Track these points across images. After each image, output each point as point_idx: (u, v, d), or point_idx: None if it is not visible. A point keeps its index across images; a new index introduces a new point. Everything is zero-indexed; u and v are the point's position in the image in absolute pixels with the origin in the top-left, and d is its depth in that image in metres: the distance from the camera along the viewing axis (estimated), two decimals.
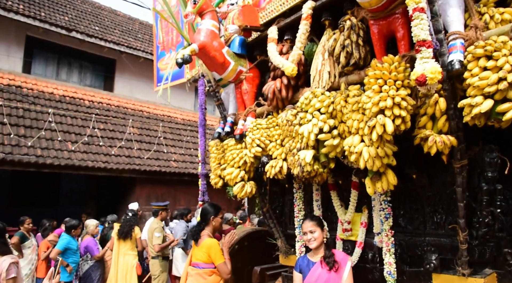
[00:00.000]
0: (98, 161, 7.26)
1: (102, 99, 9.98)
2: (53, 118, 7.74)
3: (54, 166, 6.65)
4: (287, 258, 3.76)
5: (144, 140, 8.87)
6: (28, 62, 9.99)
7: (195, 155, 9.38)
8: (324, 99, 2.54)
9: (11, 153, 6.39)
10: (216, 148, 3.72)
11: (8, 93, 8.20)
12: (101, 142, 7.97)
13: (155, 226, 5.59)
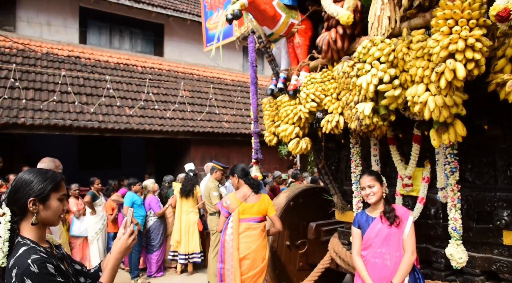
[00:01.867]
0: (154, 124, 7.58)
1: (153, 64, 10.23)
2: (111, 85, 8.11)
3: (115, 130, 7.06)
4: (343, 214, 3.75)
5: (196, 103, 9.06)
6: (83, 33, 10.40)
7: (246, 115, 9.45)
8: (384, 47, 2.38)
9: (76, 120, 6.86)
10: (270, 105, 3.69)
11: (69, 64, 8.66)
12: (155, 106, 8.27)
13: (211, 185, 5.80)
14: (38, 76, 7.75)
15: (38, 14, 9.65)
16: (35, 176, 1.53)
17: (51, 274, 1.42)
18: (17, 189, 1.50)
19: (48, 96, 7.21)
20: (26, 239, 1.50)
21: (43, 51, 8.65)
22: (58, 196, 1.57)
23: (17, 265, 1.40)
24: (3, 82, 7.11)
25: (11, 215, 1.48)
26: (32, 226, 1.52)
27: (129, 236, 1.68)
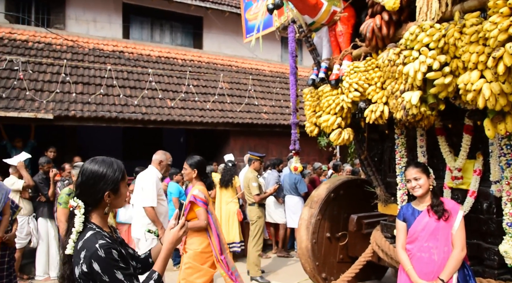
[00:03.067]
0: (195, 116, 7.73)
1: (193, 57, 10.39)
2: (153, 78, 8.34)
3: (157, 122, 7.28)
4: (386, 206, 3.66)
5: (235, 94, 9.13)
6: (126, 28, 10.75)
7: (285, 106, 9.41)
8: (433, 32, 2.26)
9: (121, 112, 7.14)
10: (311, 95, 3.64)
11: (114, 58, 9.00)
12: (196, 97, 8.43)
13: (250, 175, 5.85)
14: (86, 71, 8.13)
15: (85, 12, 10.09)
16: (105, 168, 1.60)
17: (115, 260, 1.50)
18: (92, 184, 1.57)
19: (95, 90, 7.55)
20: (92, 223, 1.59)
21: (90, 47, 9.05)
22: (125, 183, 1.67)
23: (85, 247, 1.50)
24: (55, 77, 7.53)
25: (84, 207, 1.56)
26: (101, 215, 1.61)
27: (181, 228, 1.73)
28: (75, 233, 1.55)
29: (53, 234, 5.81)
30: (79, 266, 1.49)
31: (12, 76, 7.11)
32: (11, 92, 6.73)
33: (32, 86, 7.05)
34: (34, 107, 6.52)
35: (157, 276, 1.62)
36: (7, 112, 6.14)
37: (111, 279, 1.47)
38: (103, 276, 1.46)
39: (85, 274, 1.48)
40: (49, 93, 7.04)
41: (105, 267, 1.47)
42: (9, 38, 8.40)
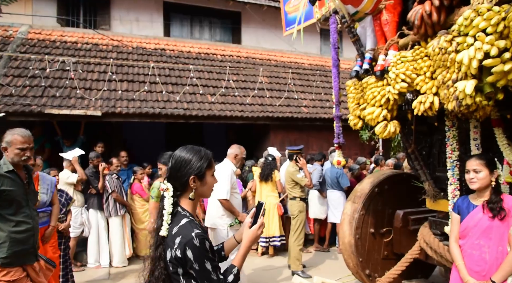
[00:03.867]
0: (235, 110, 7.80)
1: (232, 52, 10.47)
2: (194, 74, 8.49)
3: (199, 117, 7.42)
4: (435, 202, 3.50)
5: (274, 88, 9.10)
6: (167, 26, 11.02)
7: (325, 100, 9.24)
8: (491, 16, 2.11)
9: (164, 108, 7.35)
10: (354, 87, 3.54)
11: (156, 56, 9.26)
12: (236, 92, 8.49)
13: (291, 170, 5.82)
14: (130, 69, 8.43)
15: (128, 12, 10.47)
16: (192, 155, 1.69)
17: (207, 250, 1.57)
18: (179, 168, 1.66)
19: (139, 87, 7.82)
20: (185, 211, 1.66)
21: (133, 45, 9.37)
22: (212, 172, 1.74)
23: (181, 234, 1.57)
24: (102, 76, 7.88)
25: (173, 190, 1.65)
26: (189, 201, 1.68)
27: (259, 227, 1.76)
28: (167, 215, 1.62)
29: (103, 224, 6.12)
30: (173, 251, 1.56)
31: (64, 76, 7.53)
32: (63, 91, 7.13)
33: (82, 85, 7.43)
34: (84, 105, 6.87)
35: (237, 271, 1.67)
36: (60, 110, 6.51)
37: (200, 268, 1.53)
38: (194, 264, 1.53)
39: (177, 259, 1.55)
40: (97, 91, 7.39)
41: (198, 256, 1.53)
42: (61, 41, 8.90)
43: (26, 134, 2.92)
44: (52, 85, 7.20)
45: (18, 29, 8.88)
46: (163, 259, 1.61)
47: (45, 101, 6.72)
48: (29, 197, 3.01)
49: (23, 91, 6.89)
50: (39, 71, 7.35)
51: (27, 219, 2.92)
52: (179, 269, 1.57)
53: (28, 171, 3.10)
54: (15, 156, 2.85)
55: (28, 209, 2.95)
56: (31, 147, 2.93)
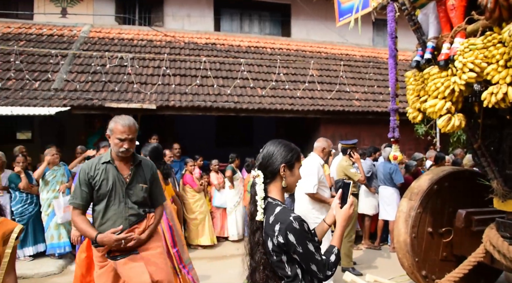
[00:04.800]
0: (285, 104, 7.74)
1: (281, 45, 10.39)
2: (244, 68, 8.54)
3: (249, 110, 7.46)
4: (505, 202, 3.23)
5: (325, 81, 8.91)
6: (217, 21, 11.19)
7: (378, 93, 8.89)
8: None
9: (215, 101, 7.48)
10: (414, 78, 3.35)
11: (207, 50, 9.44)
12: (286, 85, 8.43)
13: (344, 164, 5.68)
14: (182, 63, 8.67)
15: (180, 9, 10.75)
16: (282, 146, 1.76)
17: (307, 232, 1.61)
18: (271, 155, 1.73)
19: (191, 81, 8.02)
20: (277, 200, 1.72)
21: (185, 41, 9.61)
22: (299, 166, 1.79)
23: (279, 221, 1.61)
24: (156, 71, 8.18)
25: (263, 177, 1.71)
26: (278, 190, 1.73)
27: (350, 206, 1.79)
28: (260, 200, 1.69)
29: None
30: (275, 238, 1.61)
31: (121, 71, 7.92)
32: (121, 86, 7.50)
33: (138, 80, 7.76)
34: (140, 99, 7.19)
35: (337, 251, 1.69)
36: (118, 103, 6.86)
37: (304, 250, 1.57)
38: (298, 247, 1.56)
39: (280, 246, 1.60)
40: (151, 85, 7.69)
41: (300, 238, 1.57)
42: (118, 38, 9.35)
43: (126, 123, 2.55)
44: (111, 80, 7.60)
45: (81, 28, 9.46)
46: (262, 244, 1.67)
47: (105, 95, 7.11)
48: (129, 193, 2.64)
49: (85, 86, 7.34)
50: (100, 67, 7.79)
51: (118, 218, 2.59)
52: (283, 257, 1.62)
53: (135, 164, 2.70)
54: (114, 146, 2.57)
55: (123, 206, 2.61)
56: (130, 137, 2.56)
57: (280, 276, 1.66)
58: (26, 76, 7.29)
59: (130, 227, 2.61)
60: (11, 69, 7.42)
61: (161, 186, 2.93)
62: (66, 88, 7.20)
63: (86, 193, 2.59)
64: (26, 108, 6.26)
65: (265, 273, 1.66)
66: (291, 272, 1.63)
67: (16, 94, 6.89)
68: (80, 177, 2.60)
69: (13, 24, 9.19)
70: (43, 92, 7.03)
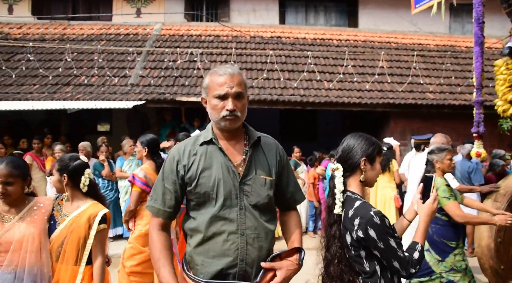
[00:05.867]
0: (353, 97, 7.49)
1: (348, 36, 10.06)
2: (311, 60, 8.40)
3: (315, 104, 7.34)
4: None
5: (395, 73, 8.45)
6: (282, 14, 11.13)
7: (455, 84, 8.23)
8: None
9: (281, 94, 7.47)
10: (506, 67, 3.04)
11: (272, 44, 9.45)
12: (355, 78, 8.15)
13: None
14: (248, 57, 8.78)
15: (245, 4, 10.88)
16: (363, 139, 1.74)
17: (388, 227, 1.58)
18: (351, 149, 1.72)
19: (257, 75, 8.09)
20: (356, 194, 1.71)
21: (250, 35, 9.71)
22: (380, 160, 1.76)
23: (359, 215, 1.60)
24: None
25: (342, 170, 1.71)
26: (357, 184, 1.72)
27: (434, 201, 1.74)
28: (339, 193, 1.68)
29: None
30: (354, 233, 1.60)
31: (191, 66, 8.24)
32: (191, 80, 7.81)
33: (205, 74, 8.00)
34: None
35: (421, 248, 1.64)
36: (188, 97, 7.16)
37: (385, 246, 1.54)
38: (378, 242, 1.54)
39: (359, 241, 1.59)
40: None
41: (381, 233, 1.54)
42: (187, 34, 9.74)
43: (228, 72, 1.63)
44: (182, 75, 7.95)
45: (153, 27, 10.00)
46: (338, 238, 1.66)
47: (176, 89, 7.46)
48: (244, 190, 1.61)
49: (158, 81, 7.76)
50: (171, 63, 8.18)
51: (230, 235, 1.55)
52: (361, 252, 1.60)
53: (252, 143, 1.72)
54: (213, 113, 1.64)
55: (238, 210, 1.58)
56: (236, 92, 1.62)
57: (357, 271, 1.63)
58: (107, 72, 7.90)
59: (248, 254, 1.56)
60: (95, 67, 8.08)
61: (295, 178, 1.90)
62: (141, 83, 7.67)
63: (173, 192, 1.65)
64: (108, 102, 6.79)
65: (340, 267, 1.65)
66: (369, 268, 1.60)
67: (99, 89, 7.50)
68: (166, 167, 1.68)
69: (95, 26, 9.99)
70: (121, 88, 7.57)
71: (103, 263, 2.24)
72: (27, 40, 8.93)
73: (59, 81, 7.74)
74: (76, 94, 7.23)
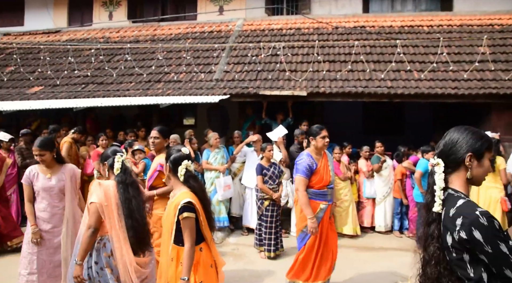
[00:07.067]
0: (447, 88, 6.84)
1: (441, 21, 9.21)
2: (400, 49, 7.86)
3: (404, 96, 6.86)
4: None
5: (499, 59, 7.48)
6: (365, 2, 10.59)
7: None
8: None
9: (366, 86, 7.13)
10: None
11: (355, 34, 9.08)
12: (450, 67, 7.44)
13: None
14: (331, 49, 8.55)
15: None
16: (470, 133, 1.61)
17: (498, 230, 1.43)
18: (455, 143, 1.60)
19: (341, 67, 7.83)
20: (459, 192, 1.58)
21: (332, 26, 9.43)
22: (489, 156, 1.62)
23: (462, 214, 1.47)
24: (305, 58, 8.29)
25: (444, 166, 1.61)
26: (461, 181, 1.60)
27: None
28: (439, 190, 1.58)
29: None
30: (455, 233, 1.47)
31: (273, 60, 8.29)
32: (273, 74, 7.85)
33: (288, 67, 7.99)
34: (291, 86, 7.40)
35: None
36: (271, 91, 7.22)
37: (494, 251, 1.39)
38: (485, 246, 1.39)
39: (462, 242, 1.45)
40: (301, 72, 7.82)
41: (488, 236, 1.40)
42: (268, 29, 9.81)
43: None
44: (264, 69, 8.03)
45: (235, 23, 10.25)
46: (437, 238, 1.56)
47: (258, 83, 7.57)
48: None
49: (241, 76, 7.94)
50: (254, 57, 8.31)
51: None
52: (464, 255, 1.45)
53: None
54: None
55: None
56: None
57: (459, 277, 1.47)
58: (194, 69, 8.31)
59: None
60: (183, 64, 8.56)
61: None
62: (225, 78, 7.93)
63: None
64: (195, 97, 7.14)
65: (437, 269, 1.52)
66: (474, 274, 1.42)
67: (186, 85, 7.93)
68: None
69: (182, 26, 10.57)
70: (206, 83, 7.91)
71: (190, 248, 2.40)
72: (124, 42, 9.79)
73: (151, 79, 8.35)
74: (166, 90, 7.74)
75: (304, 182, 3.81)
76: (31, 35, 11.28)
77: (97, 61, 9.13)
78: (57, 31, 11.34)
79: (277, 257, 5.34)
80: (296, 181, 3.89)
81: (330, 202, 3.95)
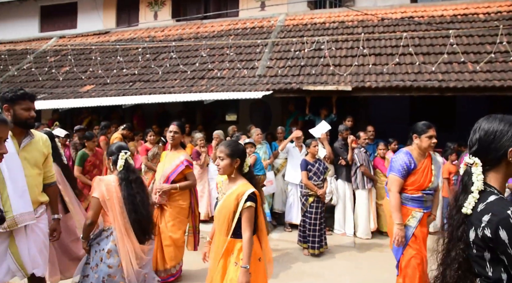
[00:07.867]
0: (506, 80, 6.36)
1: (499, 7, 8.57)
2: (454, 40, 7.41)
3: (457, 89, 6.45)
4: None
5: None
6: None
7: None
8: None
9: (415, 80, 6.80)
10: None
11: (403, 25, 8.68)
12: (511, 57, 6.92)
13: None
14: (376, 42, 8.25)
15: None
16: (507, 123, 1.48)
17: None
18: (493, 139, 1.47)
19: (387, 60, 7.53)
20: (493, 188, 1.48)
21: (378, 18, 9.09)
22: None
23: (491, 211, 1.38)
24: (350, 51, 8.06)
25: (482, 165, 1.49)
26: (499, 177, 1.48)
27: None
28: (476, 192, 1.47)
29: (349, 195, 6.34)
30: (479, 230, 1.39)
31: (316, 55, 8.13)
32: (317, 69, 7.70)
33: (332, 62, 7.81)
34: (335, 81, 7.22)
35: None
36: (315, 86, 7.08)
37: None
38: (509, 248, 1.30)
39: (485, 240, 1.37)
40: (346, 67, 7.60)
41: None
42: (311, 23, 9.64)
43: None
44: (307, 64, 7.90)
45: (277, 18, 10.18)
46: (464, 240, 1.45)
47: (302, 79, 7.46)
48: None
49: (284, 71, 7.87)
50: (297, 52, 8.20)
51: None
52: (485, 253, 1.37)
53: None
54: None
55: None
56: None
57: (476, 273, 1.40)
58: (237, 65, 8.35)
59: None
60: (225, 60, 8.63)
61: None
62: (268, 74, 7.89)
63: None
64: (238, 93, 7.17)
65: (458, 273, 1.44)
66: (493, 274, 1.35)
67: (229, 81, 7.98)
68: None
69: (224, 23, 10.66)
70: (249, 79, 7.91)
71: (250, 237, 2.45)
72: (169, 40, 10.05)
73: (195, 76, 8.50)
74: (210, 87, 7.84)
75: (398, 182, 3.35)
76: (83, 37, 11.92)
77: (144, 59, 9.45)
78: (107, 32, 11.87)
79: (321, 254, 5.26)
80: (389, 180, 3.44)
81: (426, 210, 3.39)
